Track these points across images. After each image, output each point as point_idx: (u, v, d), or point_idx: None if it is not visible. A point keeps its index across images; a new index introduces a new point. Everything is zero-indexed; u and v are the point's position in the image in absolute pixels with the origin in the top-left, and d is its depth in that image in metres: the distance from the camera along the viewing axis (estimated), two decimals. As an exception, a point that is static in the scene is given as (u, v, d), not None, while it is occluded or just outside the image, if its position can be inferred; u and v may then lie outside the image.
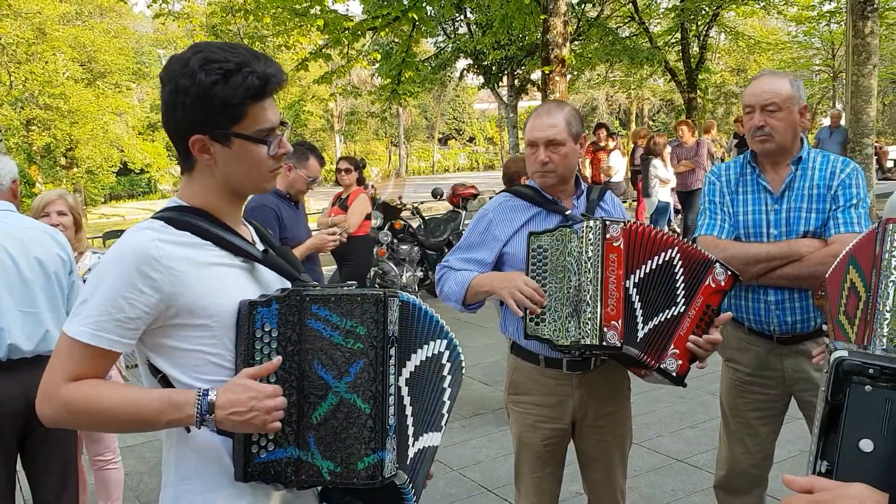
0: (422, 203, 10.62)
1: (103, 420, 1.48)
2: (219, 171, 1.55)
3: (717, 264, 2.37)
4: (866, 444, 1.02)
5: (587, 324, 2.27)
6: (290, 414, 1.50)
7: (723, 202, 2.79)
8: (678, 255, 2.35)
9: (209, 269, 1.52)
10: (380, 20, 9.87)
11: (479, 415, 5.05)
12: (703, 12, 18.38)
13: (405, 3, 10.18)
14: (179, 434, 1.56)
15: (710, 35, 20.79)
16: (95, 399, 1.45)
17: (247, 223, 1.75)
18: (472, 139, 49.46)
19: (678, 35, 19.22)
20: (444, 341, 1.74)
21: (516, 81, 18.82)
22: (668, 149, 10.34)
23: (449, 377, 1.76)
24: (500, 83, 19.27)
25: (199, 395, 1.45)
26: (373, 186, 8.73)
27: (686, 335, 2.33)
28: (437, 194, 9.93)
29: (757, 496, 3.00)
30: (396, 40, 12.78)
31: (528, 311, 2.35)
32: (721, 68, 31.06)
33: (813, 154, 2.73)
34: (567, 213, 2.56)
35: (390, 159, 42.52)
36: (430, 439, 1.71)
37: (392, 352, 1.52)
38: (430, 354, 1.70)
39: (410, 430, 1.64)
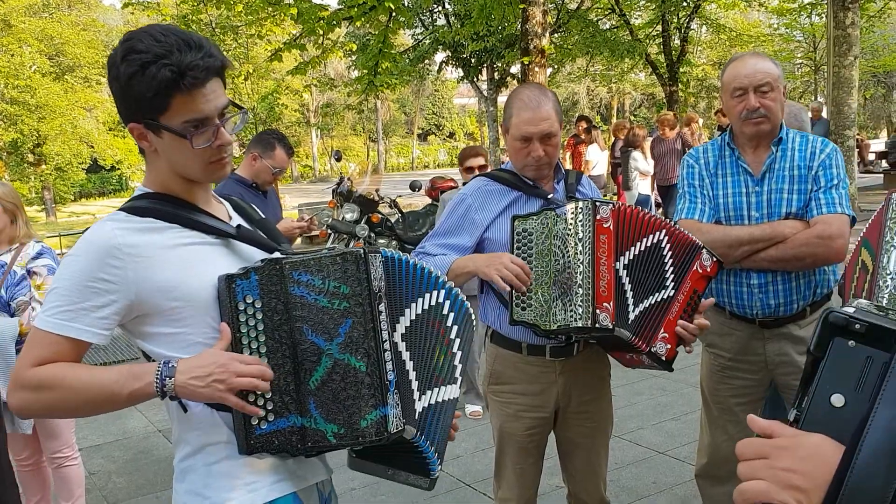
0: (399, 197, 10.52)
1: (68, 399, 1.47)
2: (162, 158, 1.55)
3: (704, 250, 2.36)
4: (837, 399, 1.00)
5: (579, 306, 2.22)
6: (287, 383, 1.49)
7: (702, 185, 2.73)
8: (666, 237, 2.31)
9: (176, 250, 1.52)
10: (355, 9, 9.73)
11: (456, 409, 4.95)
12: (685, 4, 18.39)
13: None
14: (179, 414, 1.57)
15: (692, 27, 20.81)
16: (59, 378, 1.46)
17: (222, 200, 1.73)
18: (451, 134, 49.38)
19: (659, 28, 19.23)
20: (442, 292, 1.72)
21: (496, 74, 18.76)
22: (649, 141, 10.32)
23: (456, 327, 1.74)
24: (480, 76, 19.21)
25: (161, 364, 1.46)
26: (349, 180, 8.61)
27: (675, 320, 2.30)
28: (415, 187, 9.86)
29: (738, 484, 2.93)
30: (372, 31, 12.65)
31: (514, 295, 2.28)
32: (703, 61, 31.13)
33: (791, 135, 2.68)
34: (549, 196, 2.50)
35: (368, 154, 42.38)
36: (442, 393, 1.69)
37: (381, 307, 1.51)
38: (426, 307, 1.69)
39: (415, 385, 1.62)
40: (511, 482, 2.68)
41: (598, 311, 2.19)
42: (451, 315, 1.73)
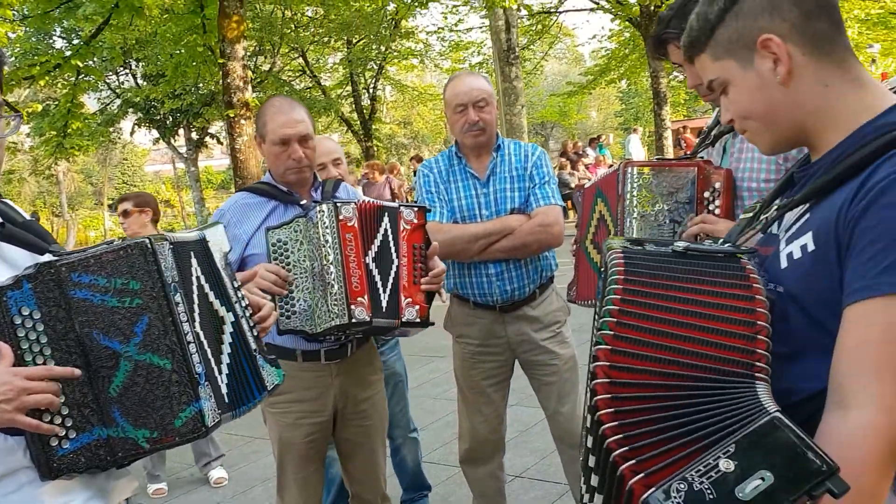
0: None
1: None
2: None
3: (402, 208, 2.52)
4: None
5: (335, 305, 2.33)
6: (83, 394, 1.38)
7: (438, 191, 3.03)
8: (388, 220, 2.50)
9: None
10: (37, 68, 9.00)
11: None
12: (370, 66, 19.62)
13: (67, 51, 9.41)
14: None
15: (378, 87, 22.22)
16: None
17: None
18: (146, 203, 46.53)
19: (349, 88, 20.26)
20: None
21: (194, 134, 18.24)
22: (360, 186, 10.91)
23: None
24: (176, 137, 18.55)
25: None
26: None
27: (410, 281, 2.48)
28: None
29: (498, 461, 3.24)
30: (52, 96, 11.74)
31: (277, 304, 2.32)
32: (390, 121, 33.15)
33: (507, 142, 3.09)
34: (303, 202, 2.59)
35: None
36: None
37: (178, 298, 1.42)
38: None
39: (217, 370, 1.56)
40: (294, 494, 2.68)
41: (352, 306, 2.33)
42: None
